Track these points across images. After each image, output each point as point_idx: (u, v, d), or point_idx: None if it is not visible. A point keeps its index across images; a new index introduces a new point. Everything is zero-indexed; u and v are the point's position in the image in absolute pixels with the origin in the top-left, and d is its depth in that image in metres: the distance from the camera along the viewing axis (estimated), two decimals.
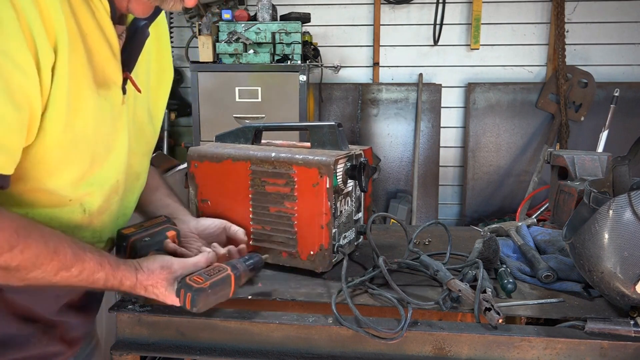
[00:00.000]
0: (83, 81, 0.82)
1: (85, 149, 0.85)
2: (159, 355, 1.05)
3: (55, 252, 0.79)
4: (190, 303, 0.91)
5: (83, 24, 0.81)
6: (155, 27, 1.02)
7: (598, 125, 3.59)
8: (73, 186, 0.86)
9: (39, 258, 0.77)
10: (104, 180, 0.92)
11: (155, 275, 0.92)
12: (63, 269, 0.80)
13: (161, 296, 0.94)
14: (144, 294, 0.93)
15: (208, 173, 1.28)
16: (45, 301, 0.94)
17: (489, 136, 3.94)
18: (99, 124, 0.87)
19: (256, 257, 1.06)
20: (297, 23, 3.19)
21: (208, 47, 3.18)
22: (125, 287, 0.90)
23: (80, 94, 0.81)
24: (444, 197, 4.10)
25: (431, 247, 1.44)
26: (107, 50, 0.87)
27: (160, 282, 0.92)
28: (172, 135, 4.06)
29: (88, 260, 0.83)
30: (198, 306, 0.91)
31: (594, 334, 0.95)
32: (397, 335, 0.95)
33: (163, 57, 1.10)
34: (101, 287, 0.87)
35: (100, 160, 0.89)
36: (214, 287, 0.93)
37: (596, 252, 0.97)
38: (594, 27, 3.82)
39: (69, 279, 0.82)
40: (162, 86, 1.12)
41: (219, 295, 0.95)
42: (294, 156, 1.18)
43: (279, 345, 1.02)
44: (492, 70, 3.94)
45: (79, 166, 0.85)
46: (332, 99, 3.98)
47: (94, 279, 0.85)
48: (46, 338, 0.95)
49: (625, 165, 1.16)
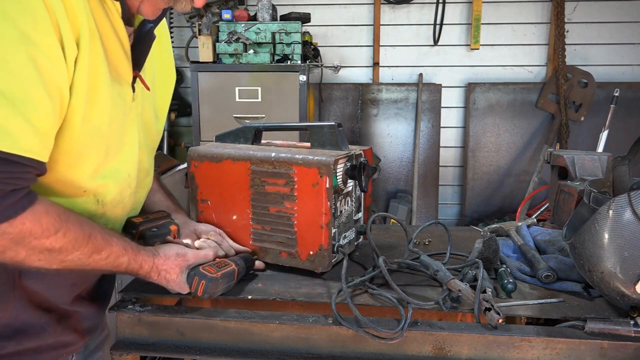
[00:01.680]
0: (100, 76, 0.86)
1: (100, 142, 0.90)
2: (159, 355, 1.05)
3: (89, 236, 0.86)
4: (202, 290, 1.00)
5: (99, 23, 0.86)
6: (158, 29, 1.05)
7: (598, 125, 3.59)
8: (89, 178, 0.91)
9: (77, 241, 0.84)
10: (116, 173, 0.97)
11: (171, 261, 1.00)
12: (95, 252, 0.87)
13: (172, 282, 1.01)
14: (157, 279, 1.00)
15: (208, 173, 1.28)
16: (60, 289, 0.97)
17: (489, 136, 3.94)
18: (113, 118, 0.91)
19: (249, 257, 1.19)
20: (297, 23, 3.19)
21: (208, 47, 3.18)
22: (144, 270, 0.97)
23: (97, 88, 0.86)
24: (444, 197, 4.10)
25: (431, 247, 1.44)
26: (120, 49, 0.92)
27: (174, 269, 1.00)
28: (172, 135, 4.06)
29: (114, 245, 0.91)
30: (209, 293, 1.01)
31: (594, 334, 0.95)
32: (397, 335, 0.95)
33: (166, 58, 1.14)
34: (122, 271, 0.94)
35: (114, 154, 0.94)
36: (224, 278, 1.04)
37: (596, 252, 0.97)
38: (594, 27, 3.82)
39: (99, 261, 0.89)
40: (166, 86, 1.15)
41: (225, 286, 1.05)
42: (294, 156, 1.18)
43: (279, 345, 1.02)
44: (492, 70, 3.94)
45: (95, 158, 0.90)
46: (332, 99, 3.98)
47: (119, 262, 0.92)
48: (60, 327, 0.98)
49: (625, 165, 1.16)
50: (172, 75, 1.16)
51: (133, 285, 1.18)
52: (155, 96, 1.10)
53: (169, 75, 1.15)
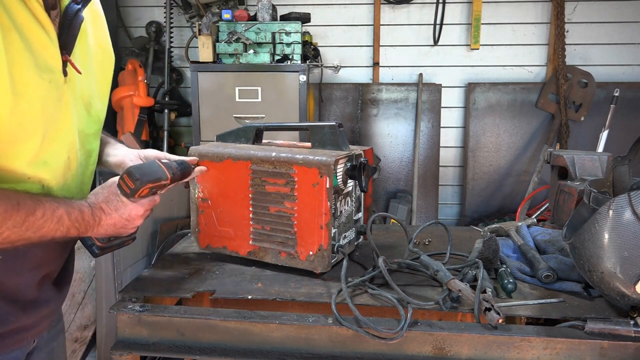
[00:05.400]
0: (25, 68, 0.88)
1: (34, 129, 0.91)
2: (159, 355, 1.05)
3: (18, 203, 0.87)
4: (131, 180, 1.01)
5: (16, 16, 0.87)
6: (90, 10, 1.07)
7: (598, 125, 3.59)
8: (28, 164, 0.92)
9: (7, 211, 0.85)
10: (56, 157, 0.99)
11: (105, 190, 1.03)
12: (29, 214, 0.88)
13: (120, 208, 1.02)
14: (105, 217, 1.00)
15: (208, 172, 1.28)
16: (24, 274, 0.98)
17: (489, 136, 3.94)
18: (46, 106, 0.94)
19: (184, 162, 1.18)
20: (297, 23, 3.19)
21: (208, 47, 3.18)
22: (87, 215, 0.97)
23: (24, 80, 0.87)
24: (444, 197, 4.10)
25: (431, 247, 1.44)
26: (45, 37, 0.93)
27: (109, 197, 1.03)
28: (172, 135, 4.05)
29: (45, 202, 0.91)
30: (140, 179, 1.01)
31: (594, 334, 0.95)
32: (397, 335, 0.95)
33: (101, 38, 1.14)
34: (66, 224, 0.94)
35: (51, 139, 0.96)
36: (148, 165, 1.07)
37: (596, 252, 0.97)
38: (594, 27, 3.82)
39: (36, 222, 0.89)
40: (104, 65, 1.16)
41: (155, 175, 1.06)
42: (294, 156, 1.18)
43: (279, 345, 1.02)
44: (492, 70, 3.94)
45: (31, 145, 0.92)
46: (332, 99, 3.98)
47: (58, 216, 0.92)
48: (25, 315, 0.99)
49: (625, 165, 1.16)
50: (109, 55, 1.17)
51: (133, 285, 1.18)
52: (95, 77, 1.11)
53: (106, 55, 1.16)
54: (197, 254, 1.39)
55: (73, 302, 2.47)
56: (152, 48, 3.95)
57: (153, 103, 3.76)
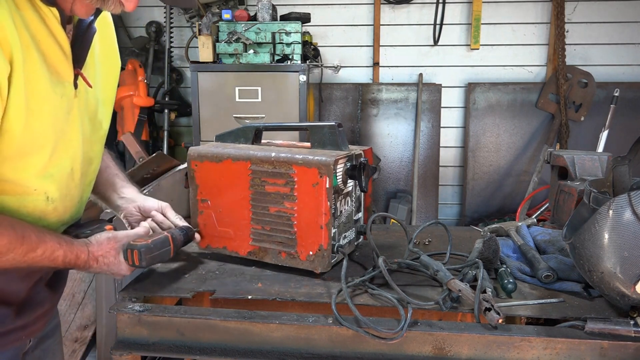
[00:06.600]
0: (40, 84, 0.89)
1: (44, 144, 0.93)
2: (159, 355, 1.05)
3: (22, 236, 0.90)
4: (138, 258, 1.05)
5: (35, 31, 0.88)
6: (101, 19, 1.07)
7: (598, 125, 3.59)
8: (36, 177, 0.94)
9: (12, 243, 0.88)
10: (62, 170, 1.00)
11: (104, 245, 1.05)
12: (30, 250, 0.91)
13: (112, 265, 1.05)
14: (97, 266, 1.04)
15: (208, 173, 1.28)
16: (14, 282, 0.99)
17: (489, 136, 3.94)
18: (57, 120, 0.95)
19: (188, 228, 1.24)
20: (297, 23, 3.19)
21: (208, 47, 3.18)
22: (82, 260, 1.01)
23: (38, 96, 0.89)
24: (444, 197, 4.10)
25: (431, 247, 1.44)
26: (59, 52, 0.94)
27: (109, 252, 1.05)
28: (172, 135, 4.05)
29: (48, 241, 0.95)
30: (146, 260, 1.06)
31: (594, 334, 0.95)
32: (397, 335, 0.95)
33: (109, 47, 1.15)
34: (60, 264, 0.98)
35: (59, 152, 0.97)
36: (157, 244, 1.09)
37: (596, 252, 0.97)
38: (594, 27, 3.82)
39: (35, 258, 0.93)
40: (110, 74, 1.16)
41: (161, 252, 1.11)
42: (294, 156, 1.18)
43: (279, 345, 1.02)
44: (492, 70, 3.94)
45: (41, 159, 0.93)
46: (332, 99, 3.98)
47: (55, 256, 0.96)
48: (19, 316, 1.01)
49: (625, 165, 1.16)
50: (116, 63, 1.17)
51: (133, 285, 1.18)
52: (99, 86, 1.11)
53: (113, 64, 1.17)
54: (197, 254, 1.39)
55: (73, 302, 2.47)
56: (152, 48, 3.95)
57: (153, 103, 3.76)
